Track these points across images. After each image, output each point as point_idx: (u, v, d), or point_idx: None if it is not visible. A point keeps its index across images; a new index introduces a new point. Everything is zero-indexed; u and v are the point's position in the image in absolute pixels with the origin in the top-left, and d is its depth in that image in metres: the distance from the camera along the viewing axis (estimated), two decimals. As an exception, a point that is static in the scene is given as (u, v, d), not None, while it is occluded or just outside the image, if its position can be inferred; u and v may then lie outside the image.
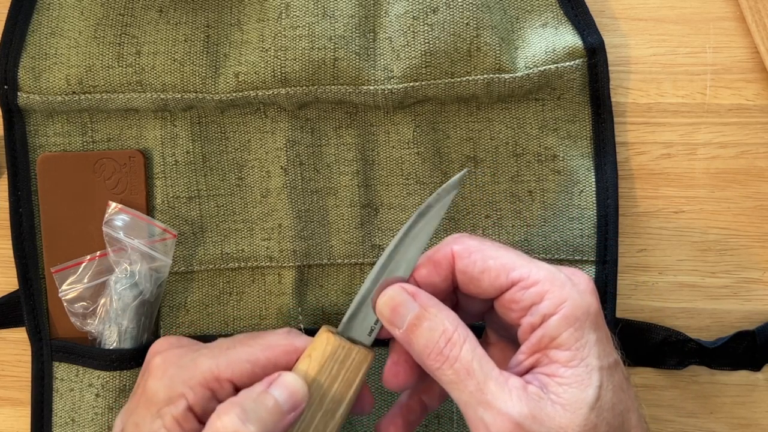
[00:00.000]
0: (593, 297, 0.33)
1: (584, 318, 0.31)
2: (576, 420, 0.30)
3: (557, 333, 0.31)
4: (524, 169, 0.44)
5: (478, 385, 0.31)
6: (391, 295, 0.34)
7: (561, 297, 0.32)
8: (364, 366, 0.34)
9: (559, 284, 0.32)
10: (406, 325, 0.33)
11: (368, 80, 0.42)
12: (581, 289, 0.32)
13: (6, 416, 0.47)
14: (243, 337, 0.36)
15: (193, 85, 0.43)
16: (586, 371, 0.31)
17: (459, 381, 0.31)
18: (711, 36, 0.45)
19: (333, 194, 0.45)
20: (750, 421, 0.45)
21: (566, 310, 0.31)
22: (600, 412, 0.30)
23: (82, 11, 0.43)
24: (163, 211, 0.45)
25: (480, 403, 0.31)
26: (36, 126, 0.45)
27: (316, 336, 0.35)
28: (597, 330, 0.32)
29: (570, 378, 0.31)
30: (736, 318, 0.45)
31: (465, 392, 0.31)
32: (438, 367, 0.32)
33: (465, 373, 0.31)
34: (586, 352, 0.31)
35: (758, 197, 0.45)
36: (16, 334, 0.47)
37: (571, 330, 0.31)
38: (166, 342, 0.38)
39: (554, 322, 0.31)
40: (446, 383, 0.32)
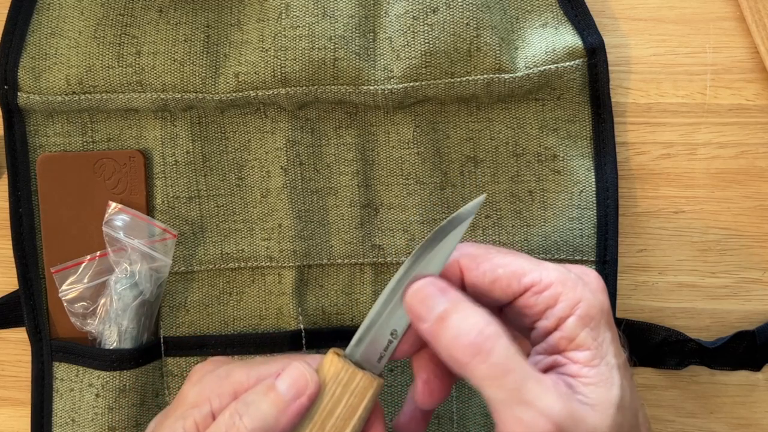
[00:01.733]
0: (604, 295, 0.32)
1: (599, 317, 0.31)
2: (606, 421, 0.29)
3: (575, 334, 0.31)
4: (524, 169, 0.44)
5: (516, 383, 0.29)
6: (420, 287, 0.32)
7: (575, 298, 0.31)
8: (370, 392, 0.33)
9: (572, 285, 0.32)
10: (435, 317, 0.31)
11: (368, 80, 0.42)
12: (593, 288, 0.32)
13: (6, 416, 0.47)
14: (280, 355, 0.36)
15: (193, 85, 0.43)
16: (608, 370, 0.30)
17: (495, 377, 0.29)
18: (711, 36, 0.45)
19: (333, 194, 0.45)
20: (750, 421, 0.45)
21: (581, 311, 0.31)
22: (624, 411, 0.30)
23: (82, 11, 0.43)
24: (163, 211, 0.45)
25: (519, 402, 0.29)
26: (36, 126, 0.45)
27: (324, 357, 0.34)
28: (611, 328, 0.32)
29: (594, 377, 0.30)
30: (736, 318, 0.45)
31: (502, 390, 0.29)
32: (468, 362, 0.30)
33: (502, 369, 0.29)
34: (604, 350, 0.31)
35: (758, 197, 0.45)
36: (16, 334, 0.47)
37: (588, 330, 0.31)
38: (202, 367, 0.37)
39: (571, 324, 0.31)
40: (479, 379, 0.30)
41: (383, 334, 0.33)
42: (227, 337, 0.45)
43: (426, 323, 0.32)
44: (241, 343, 0.44)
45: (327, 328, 0.45)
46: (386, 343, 0.33)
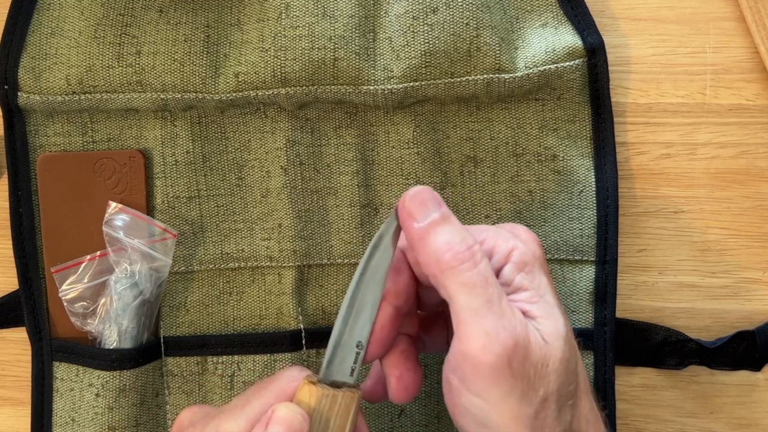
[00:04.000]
0: (536, 244, 0.34)
1: (533, 262, 0.33)
2: (555, 352, 0.31)
3: (512, 278, 0.33)
4: (524, 169, 0.44)
5: (493, 295, 0.31)
6: (421, 191, 0.33)
7: (508, 248, 0.33)
8: (353, 407, 0.34)
9: (504, 238, 0.34)
10: (430, 219, 0.33)
11: (368, 80, 0.42)
12: (524, 238, 0.34)
13: (6, 416, 0.48)
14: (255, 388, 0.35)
15: (193, 85, 0.43)
16: (549, 306, 0.32)
17: (476, 285, 0.31)
18: (711, 36, 0.45)
19: (333, 194, 0.45)
20: (750, 421, 0.45)
21: (515, 258, 0.33)
22: (570, 346, 0.32)
23: (82, 11, 0.43)
24: (163, 211, 0.45)
25: (491, 312, 0.30)
26: (36, 126, 0.45)
27: (298, 389, 0.34)
28: (546, 274, 0.34)
29: (538, 312, 0.32)
30: (736, 318, 0.45)
31: (480, 298, 0.31)
32: (455, 266, 0.31)
33: (484, 280, 0.31)
34: (542, 290, 0.33)
35: (758, 197, 0.45)
36: (16, 334, 0.47)
37: (524, 274, 0.33)
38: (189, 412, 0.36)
39: (507, 270, 0.33)
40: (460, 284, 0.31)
41: (350, 349, 0.34)
42: (227, 337, 0.45)
43: (419, 223, 0.33)
44: (241, 343, 0.44)
45: (327, 327, 0.44)
46: (355, 356, 0.34)
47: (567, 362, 0.31)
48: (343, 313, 0.34)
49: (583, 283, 0.44)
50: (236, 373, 0.44)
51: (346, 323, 0.34)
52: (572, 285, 0.44)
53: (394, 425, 0.45)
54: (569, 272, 0.44)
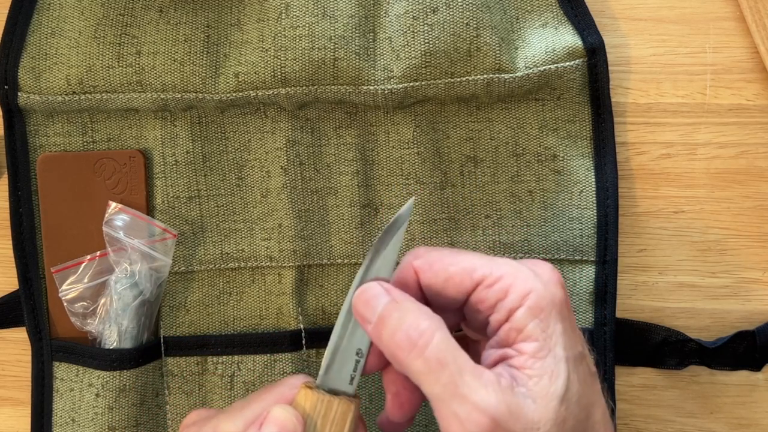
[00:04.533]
0: (558, 287, 0.32)
1: (549, 308, 0.31)
2: (547, 414, 0.29)
3: (523, 325, 0.31)
4: (524, 169, 0.44)
5: (452, 377, 0.29)
6: (365, 288, 0.33)
7: (525, 289, 0.31)
8: (350, 416, 0.33)
9: (523, 278, 0.32)
10: (377, 316, 0.32)
11: (368, 80, 0.42)
12: (545, 279, 0.32)
13: (6, 416, 0.48)
14: (256, 393, 0.35)
15: (193, 85, 0.43)
16: (554, 362, 0.30)
17: (430, 372, 0.30)
18: (711, 36, 0.45)
19: (333, 194, 0.45)
20: (750, 421, 0.45)
21: (531, 302, 0.31)
22: (568, 405, 0.30)
23: (82, 11, 0.43)
24: (163, 211, 0.45)
25: (454, 396, 0.29)
26: (36, 126, 0.45)
27: (296, 393, 0.34)
28: (563, 320, 0.31)
29: (538, 370, 0.30)
30: (736, 318, 0.45)
31: (437, 385, 0.29)
32: (405, 356, 0.30)
33: (437, 363, 0.30)
34: (553, 342, 0.31)
35: (758, 197, 0.45)
36: (16, 334, 0.47)
37: (537, 321, 0.31)
38: (195, 414, 0.37)
39: (520, 315, 0.31)
40: (417, 374, 0.30)
41: (349, 356, 0.34)
42: (227, 337, 0.45)
43: (370, 324, 0.32)
44: (241, 343, 0.44)
45: (327, 327, 0.44)
46: (354, 364, 0.34)
47: (562, 423, 0.30)
48: (343, 318, 0.34)
49: (583, 283, 0.44)
50: (236, 373, 0.44)
51: (345, 329, 0.33)
52: (572, 285, 0.44)
53: (394, 425, 0.45)
54: (569, 272, 0.44)
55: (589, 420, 0.31)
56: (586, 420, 0.31)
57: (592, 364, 0.33)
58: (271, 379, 0.44)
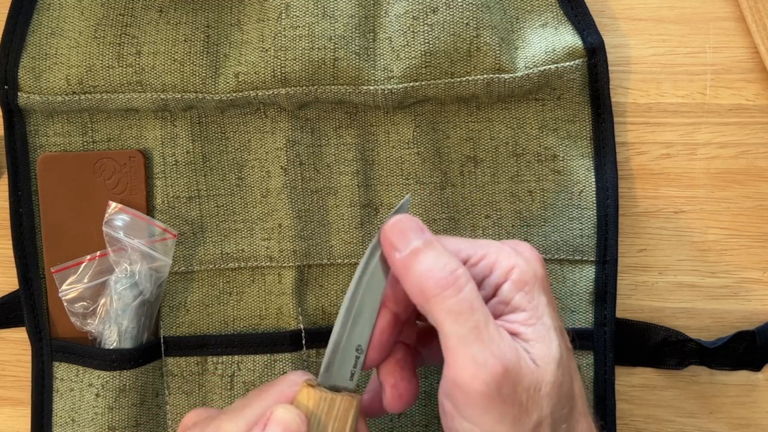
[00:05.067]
0: (538, 263, 0.34)
1: (533, 281, 0.33)
2: (547, 376, 0.31)
3: (510, 297, 0.32)
4: (524, 169, 0.44)
5: (478, 322, 0.30)
6: (401, 219, 0.33)
7: (508, 265, 0.33)
8: (352, 412, 0.33)
9: (506, 254, 0.33)
10: (411, 248, 0.32)
11: (368, 80, 0.42)
12: (526, 256, 0.34)
13: (6, 416, 0.48)
14: (257, 391, 0.35)
15: (193, 85, 0.43)
16: (545, 329, 0.32)
17: (461, 312, 0.30)
18: (711, 36, 0.45)
19: (333, 194, 0.45)
20: (750, 421, 0.45)
21: (515, 276, 0.32)
22: (563, 370, 0.31)
23: (82, 11, 0.43)
24: (163, 211, 0.45)
25: (477, 340, 0.30)
26: (36, 126, 0.45)
27: (298, 392, 0.34)
28: (546, 293, 0.33)
29: (532, 335, 0.31)
30: (736, 318, 0.45)
31: (465, 325, 0.30)
32: (438, 294, 0.31)
33: (469, 306, 0.30)
34: (540, 311, 0.32)
35: (758, 197, 0.45)
36: (16, 334, 0.47)
37: (522, 293, 0.32)
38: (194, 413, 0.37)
39: (506, 289, 0.32)
40: (444, 312, 0.31)
41: (350, 353, 0.34)
42: (227, 337, 0.45)
43: (401, 253, 0.32)
44: (241, 343, 0.44)
45: (327, 327, 0.45)
46: (354, 360, 0.34)
47: (560, 386, 0.31)
48: (342, 316, 0.34)
49: (583, 283, 0.44)
50: (236, 373, 0.44)
51: (345, 326, 0.34)
52: (572, 285, 0.44)
53: (394, 425, 0.45)
54: (569, 272, 0.44)
55: (573, 388, 0.32)
56: (571, 387, 0.32)
57: (569, 341, 0.34)
58: (271, 379, 0.44)
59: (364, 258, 0.34)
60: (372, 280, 0.34)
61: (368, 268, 0.34)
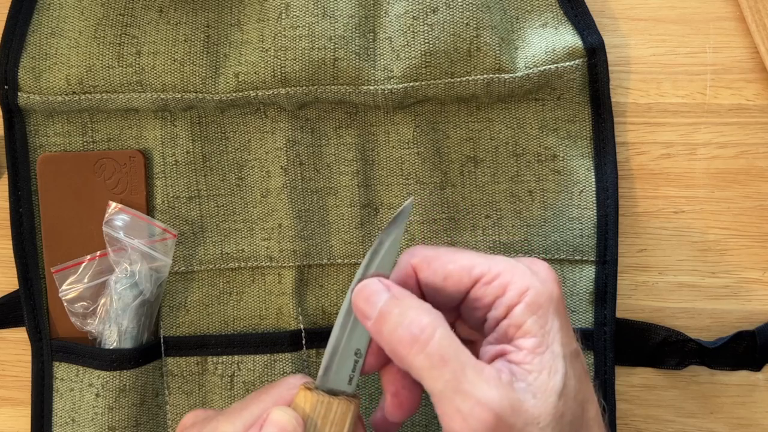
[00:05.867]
0: (554, 284, 0.33)
1: (547, 305, 0.31)
2: (547, 409, 0.30)
3: (522, 321, 0.31)
4: (524, 169, 0.44)
5: (455, 373, 0.29)
6: (366, 284, 0.33)
7: (523, 286, 0.31)
8: (349, 416, 0.33)
9: (520, 274, 0.32)
10: (377, 312, 0.32)
11: (368, 80, 0.42)
12: (542, 277, 0.32)
13: (6, 416, 0.48)
14: (255, 394, 0.35)
15: (193, 85, 0.43)
16: (552, 358, 0.31)
17: (432, 368, 0.30)
18: (711, 36, 0.45)
19: (333, 194, 0.45)
20: (750, 421, 0.45)
21: (529, 298, 0.31)
22: (566, 400, 0.30)
23: (82, 11, 0.43)
24: (163, 211, 0.45)
25: (456, 392, 0.29)
26: (36, 126, 0.45)
27: (295, 395, 0.34)
28: (560, 317, 0.32)
29: (538, 365, 0.30)
30: (736, 318, 0.45)
31: (440, 381, 0.30)
32: (407, 352, 0.30)
33: (439, 359, 0.30)
34: (551, 338, 0.31)
35: (758, 197, 0.45)
36: (16, 334, 0.47)
37: (535, 317, 0.31)
38: (193, 415, 0.37)
39: (519, 311, 0.31)
40: (419, 370, 0.30)
41: (348, 356, 0.34)
42: (227, 337, 0.45)
43: (370, 320, 0.32)
44: (241, 343, 0.44)
45: (327, 327, 0.44)
46: (353, 364, 0.34)
47: (560, 417, 0.30)
48: (341, 319, 0.34)
49: (583, 283, 0.44)
50: (236, 373, 0.44)
51: (344, 330, 0.34)
52: (572, 285, 0.44)
53: (394, 425, 0.45)
54: (569, 272, 0.44)
55: (584, 416, 0.31)
56: (581, 416, 0.31)
57: (584, 361, 0.33)
58: (271, 379, 0.44)
59: (365, 260, 0.34)
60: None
61: (369, 270, 0.34)
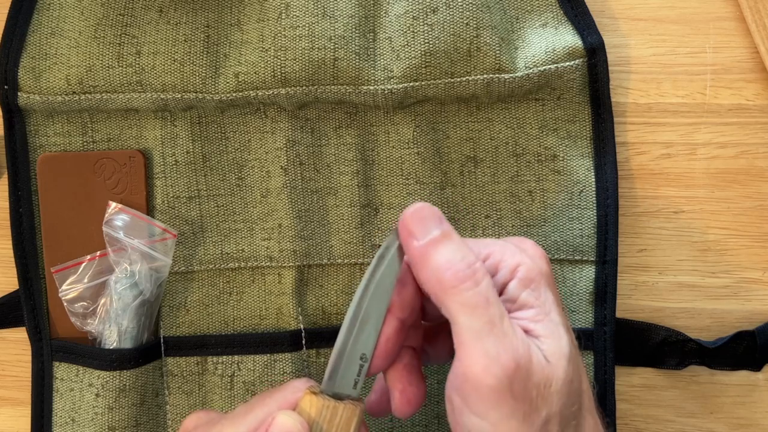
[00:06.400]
0: (543, 260, 0.34)
1: (539, 278, 0.32)
2: (558, 372, 0.30)
3: (517, 295, 0.32)
4: (524, 169, 0.44)
5: (493, 316, 0.30)
6: (422, 207, 0.33)
7: (514, 263, 0.33)
8: (354, 420, 0.33)
9: (510, 252, 0.33)
10: (430, 237, 0.32)
11: (368, 80, 0.42)
12: (530, 253, 0.33)
13: (6, 416, 0.48)
14: (259, 397, 0.35)
15: (193, 85, 0.43)
16: (554, 325, 0.32)
17: (477, 306, 0.30)
18: (711, 36, 0.45)
19: (333, 194, 0.45)
20: (750, 421, 0.45)
21: (521, 274, 0.32)
22: (573, 366, 0.31)
23: (82, 11, 0.43)
24: (163, 211, 0.45)
25: (491, 333, 0.30)
26: (36, 126, 0.45)
27: (300, 399, 0.34)
28: (552, 290, 0.33)
29: (543, 331, 0.31)
30: (736, 318, 0.45)
31: (481, 319, 0.30)
32: (455, 285, 0.31)
33: (485, 300, 0.30)
34: (548, 308, 0.32)
35: (758, 197, 0.45)
36: (16, 334, 0.47)
37: (529, 290, 0.32)
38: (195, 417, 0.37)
39: (513, 287, 0.32)
40: (460, 304, 0.31)
41: (354, 361, 0.33)
42: (227, 337, 0.45)
43: (419, 241, 0.32)
44: (241, 343, 0.44)
45: (327, 328, 0.45)
46: (358, 368, 0.34)
47: (570, 383, 0.31)
48: (347, 324, 0.33)
49: (583, 283, 0.44)
50: (236, 373, 0.44)
51: (350, 335, 0.33)
52: (572, 285, 0.44)
53: (394, 425, 0.45)
54: (569, 272, 0.44)
55: (581, 386, 0.32)
56: (579, 385, 0.32)
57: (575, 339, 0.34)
58: (271, 379, 0.44)
59: (371, 265, 0.33)
60: (379, 288, 0.33)
61: (375, 275, 0.33)
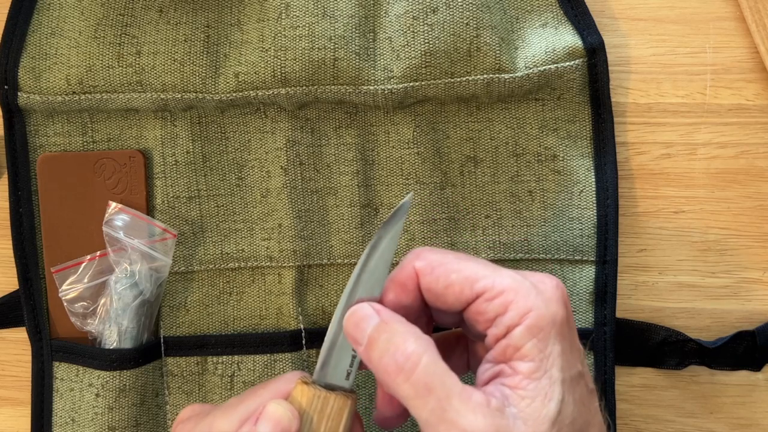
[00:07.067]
0: (560, 305, 0.31)
1: (549, 328, 0.30)
2: None
3: (521, 343, 0.30)
4: (524, 169, 0.44)
5: (439, 401, 0.29)
6: (356, 309, 0.33)
7: (525, 307, 0.31)
8: (346, 411, 0.33)
9: (524, 293, 0.31)
10: (366, 339, 0.32)
11: (368, 80, 0.42)
12: (547, 297, 0.31)
13: (6, 416, 0.48)
14: (252, 389, 0.35)
15: (193, 85, 0.43)
16: (549, 384, 0.30)
17: (417, 397, 0.29)
18: (711, 36, 0.45)
19: (333, 194, 0.45)
20: (750, 421, 0.45)
21: (530, 321, 0.30)
22: (560, 427, 0.30)
23: (82, 11, 0.43)
24: (163, 211, 0.45)
25: (441, 421, 0.29)
26: (36, 126, 0.45)
27: (292, 389, 0.34)
28: (562, 341, 0.31)
29: (532, 391, 0.30)
30: (736, 318, 0.45)
31: (425, 410, 0.29)
32: (392, 381, 0.30)
33: (423, 388, 0.29)
34: (549, 363, 0.30)
35: (758, 197, 0.45)
36: (16, 334, 0.47)
37: (535, 341, 0.30)
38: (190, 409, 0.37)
39: (518, 333, 0.30)
40: (405, 399, 0.30)
41: (346, 352, 0.33)
42: (227, 337, 0.45)
43: (361, 346, 0.32)
44: (241, 343, 0.44)
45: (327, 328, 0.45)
46: (350, 359, 0.33)
47: None
48: (339, 314, 0.33)
49: (583, 283, 0.44)
50: (236, 373, 0.44)
51: (341, 325, 0.33)
52: (572, 285, 0.44)
53: (394, 425, 0.45)
54: (569, 272, 0.44)
55: None
56: None
57: (590, 382, 0.32)
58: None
59: (362, 256, 0.34)
60: (370, 279, 0.33)
61: (367, 266, 0.33)
